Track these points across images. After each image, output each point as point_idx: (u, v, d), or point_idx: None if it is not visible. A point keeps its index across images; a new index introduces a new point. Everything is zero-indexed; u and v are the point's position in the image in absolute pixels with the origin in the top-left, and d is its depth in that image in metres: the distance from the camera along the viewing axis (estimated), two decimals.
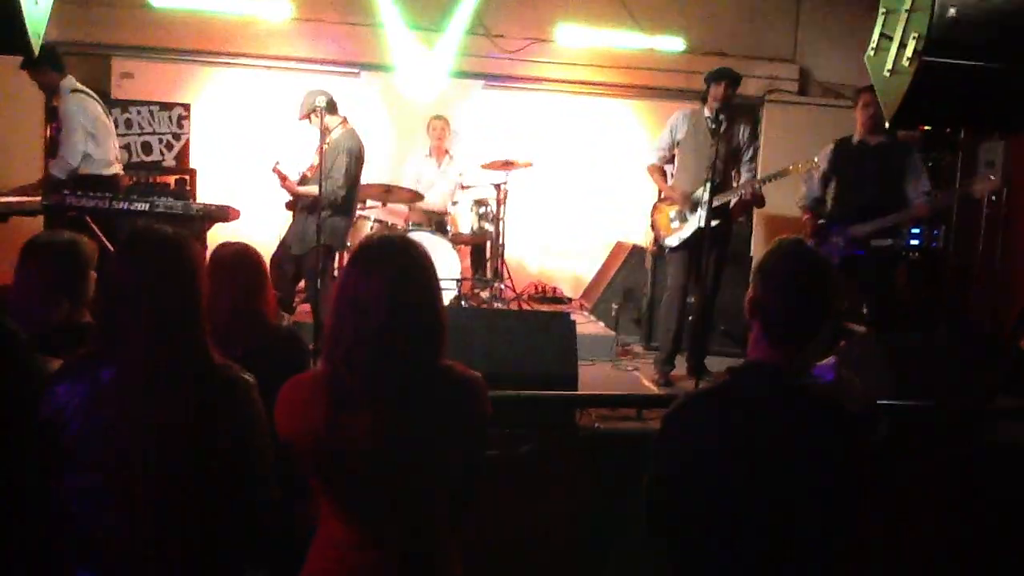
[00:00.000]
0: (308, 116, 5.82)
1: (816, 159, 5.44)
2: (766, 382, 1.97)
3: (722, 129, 5.33)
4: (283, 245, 6.13)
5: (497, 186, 6.97)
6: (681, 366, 5.75)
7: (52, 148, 5.84)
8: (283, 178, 5.92)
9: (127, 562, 1.93)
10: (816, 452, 1.92)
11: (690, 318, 5.74)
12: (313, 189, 5.62)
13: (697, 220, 5.45)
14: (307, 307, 6.38)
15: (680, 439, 2.00)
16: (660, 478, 2.02)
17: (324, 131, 5.69)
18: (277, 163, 5.92)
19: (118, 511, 1.92)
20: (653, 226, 5.86)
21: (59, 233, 2.84)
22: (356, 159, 5.86)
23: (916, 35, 3.01)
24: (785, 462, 1.90)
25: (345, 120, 5.99)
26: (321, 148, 5.68)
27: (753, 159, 5.71)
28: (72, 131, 5.54)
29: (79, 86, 5.81)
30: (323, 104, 5.63)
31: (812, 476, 1.91)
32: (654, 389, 5.55)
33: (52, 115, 7.23)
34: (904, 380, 3.46)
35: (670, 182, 5.78)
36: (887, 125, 3.39)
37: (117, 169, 5.94)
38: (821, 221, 5.45)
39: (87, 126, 5.61)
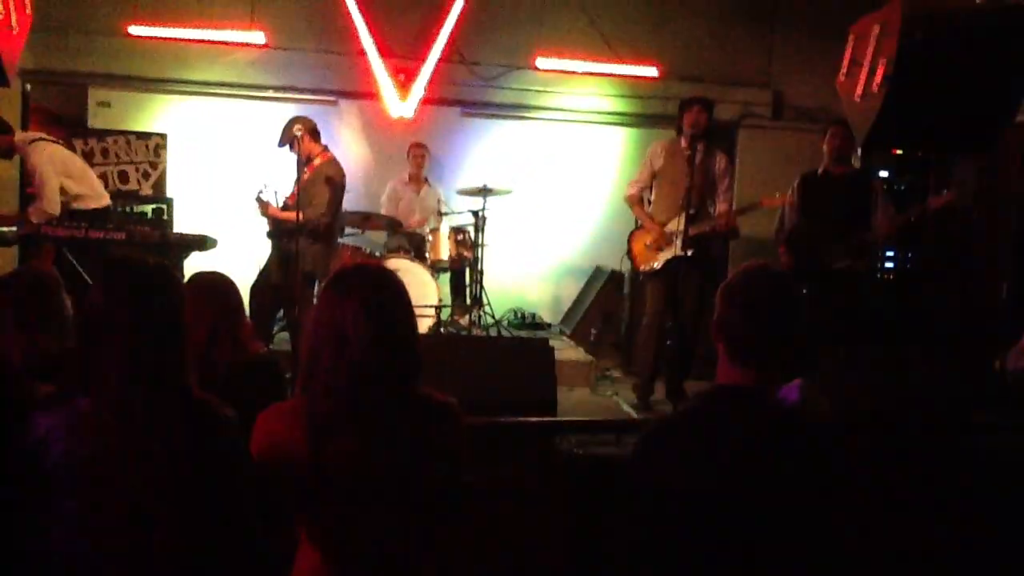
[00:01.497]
0: (289, 143, 5.81)
1: (789, 193, 5.57)
2: (731, 405, 1.96)
3: (698, 159, 5.39)
4: (263, 273, 6.09)
5: (475, 212, 6.99)
6: (660, 391, 5.76)
7: (29, 199, 5.71)
8: (265, 205, 5.88)
9: None
10: (786, 471, 1.91)
11: (668, 343, 5.77)
12: (288, 214, 5.63)
13: (674, 248, 5.50)
14: (285, 335, 6.36)
15: (651, 469, 1.98)
16: (638, 511, 2.01)
17: (305, 159, 5.69)
18: (260, 191, 5.89)
19: (96, 542, 1.89)
20: (630, 253, 5.90)
21: (32, 267, 2.83)
22: (339, 188, 5.86)
23: (885, 60, 3.07)
24: (756, 483, 1.89)
25: (326, 149, 5.98)
26: (301, 176, 5.68)
27: (730, 188, 5.76)
28: (46, 181, 5.41)
29: (35, 135, 5.73)
30: (302, 132, 5.64)
31: (784, 495, 1.91)
32: (633, 414, 5.56)
33: None
34: (877, 394, 3.48)
35: (648, 209, 5.82)
36: (858, 148, 3.44)
37: (108, 200, 5.87)
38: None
39: (60, 171, 5.53)
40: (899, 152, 7.01)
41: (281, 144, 5.85)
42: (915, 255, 7.34)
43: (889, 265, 7.33)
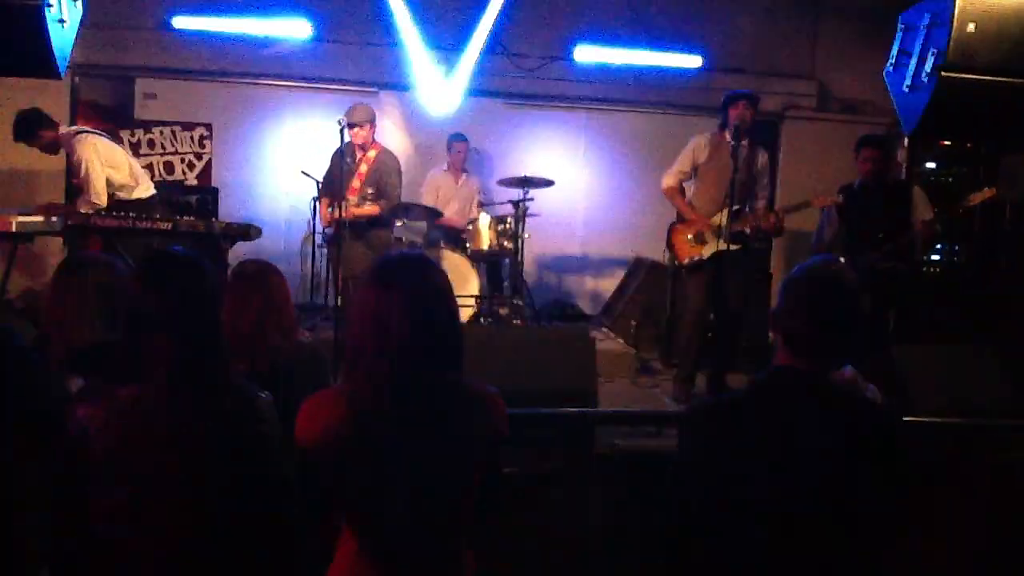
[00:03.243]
0: (354, 127, 5.81)
1: (839, 195, 5.58)
2: (787, 380, 1.99)
3: (743, 154, 5.36)
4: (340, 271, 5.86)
5: (516, 203, 6.99)
6: (702, 384, 5.73)
7: (75, 191, 5.79)
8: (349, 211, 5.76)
9: None
10: (844, 443, 1.93)
11: (710, 336, 5.74)
12: (372, 209, 5.66)
13: (716, 243, 5.46)
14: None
15: (700, 444, 2.02)
16: (680, 480, 2.03)
17: (361, 146, 5.73)
18: (348, 202, 5.74)
19: (141, 529, 1.93)
20: (671, 247, 5.85)
21: (98, 253, 2.88)
22: (400, 176, 5.93)
23: (935, 50, 3.02)
24: (809, 454, 1.91)
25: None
26: (355, 165, 5.69)
27: (768, 185, 5.74)
28: (92, 172, 5.48)
29: (79, 127, 5.80)
30: (371, 121, 5.70)
31: (840, 467, 1.92)
32: (674, 406, 5.53)
33: None
34: (929, 393, 3.44)
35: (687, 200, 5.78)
36: (906, 139, 3.40)
37: (153, 190, 5.94)
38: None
39: (106, 162, 5.59)
40: (947, 143, 6.91)
41: (357, 124, 5.82)
42: (962, 249, 7.22)
43: (935, 258, 7.22)
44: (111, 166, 5.61)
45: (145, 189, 5.79)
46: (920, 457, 2.08)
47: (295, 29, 7.55)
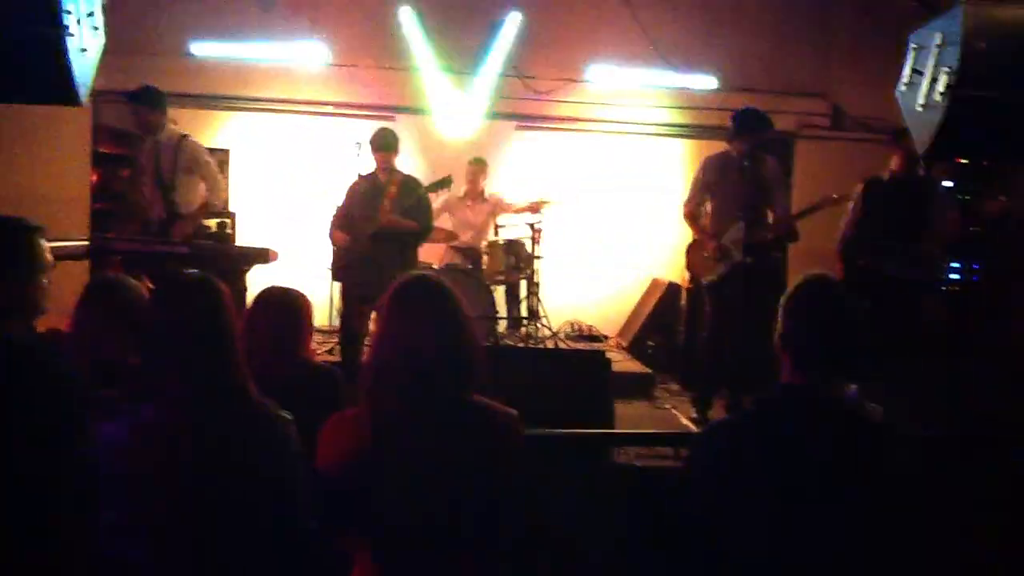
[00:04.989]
0: (388, 149, 5.80)
1: (855, 197, 5.49)
2: (796, 397, 2.02)
3: (751, 168, 5.35)
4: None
5: (531, 225, 7.02)
6: (719, 405, 5.70)
7: (163, 190, 5.79)
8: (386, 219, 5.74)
9: None
10: (851, 459, 1.95)
11: (727, 356, 5.71)
12: (412, 224, 5.67)
13: (732, 258, 5.45)
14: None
15: (709, 462, 2.04)
16: (694, 501, 2.04)
17: (388, 170, 5.74)
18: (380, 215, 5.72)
19: (156, 547, 1.95)
20: (689, 266, 5.85)
21: (123, 276, 2.94)
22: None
23: (947, 69, 3.02)
24: (818, 471, 1.93)
25: None
26: (386, 189, 5.69)
27: (785, 192, 5.70)
28: (211, 170, 5.73)
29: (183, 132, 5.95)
30: (397, 147, 5.77)
31: (843, 485, 1.93)
32: (691, 427, 5.51)
33: (97, 161, 7.43)
34: (935, 407, 3.42)
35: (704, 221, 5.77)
36: (920, 159, 3.39)
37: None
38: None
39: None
40: (963, 162, 6.88)
41: (379, 150, 5.78)
42: (980, 266, 7.17)
43: (954, 276, 7.18)
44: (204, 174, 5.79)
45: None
46: (925, 471, 2.08)
47: (312, 54, 7.64)
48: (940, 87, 3.06)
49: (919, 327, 5.48)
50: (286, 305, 3.03)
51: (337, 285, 7.02)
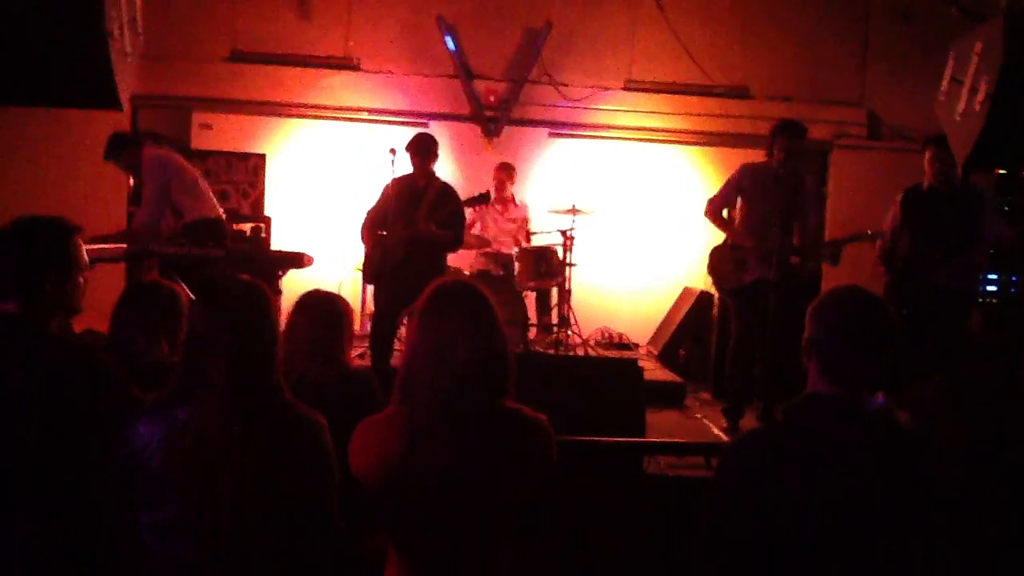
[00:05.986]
0: (427, 155, 5.75)
1: (892, 209, 5.46)
2: (823, 408, 2.00)
3: (788, 180, 5.30)
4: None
5: (563, 232, 7.01)
6: (751, 415, 5.66)
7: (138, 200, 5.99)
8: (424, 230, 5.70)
9: None
10: (879, 470, 1.93)
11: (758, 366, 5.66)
12: (445, 234, 5.66)
13: (760, 270, 5.40)
14: None
15: (739, 472, 2.02)
16: (719, 513, 2.03)
17: (425, 177, 5.74)
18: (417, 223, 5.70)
19: (192, 546, 1.97)
20: (712, 271, 5.80)
21: (161, 281, 3.01)
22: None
23: (987, 79, 2.99)
24: (846, 482, 1.91)
25: None
26: (423, 197, 5.69)
27: (816, 211, 5.64)
28: (154, 189, 5.71)
29: (158, 147, 6.02)
30: (436, 152, 5.73)
31: (875, 494, 1.92)
32: (723, 437, 5.47)
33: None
34: (974, 424, 3.36)
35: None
36: (959, 169, 3.35)
37: (219, 211, 6.08)
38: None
39: (171, 175, 5.77)
40: (1002, 172, 6.80)
41: (418, 155, 5.73)
42: (1019, 279, 7.08)
43: (991, 288, 7.08)
44: (180, 180, 5.79)
45: (210, 209, 5.94)
46: (957, 485, 2.06)
47: (345, 61, 7.71)
48: (980, 96, 3.03)
49: (961, 338, 5.40)
50: (328, 309, 3.07)
51: (369, 290, 7.07)
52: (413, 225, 5.57)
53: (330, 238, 7.32)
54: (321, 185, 8.01)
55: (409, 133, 6.52)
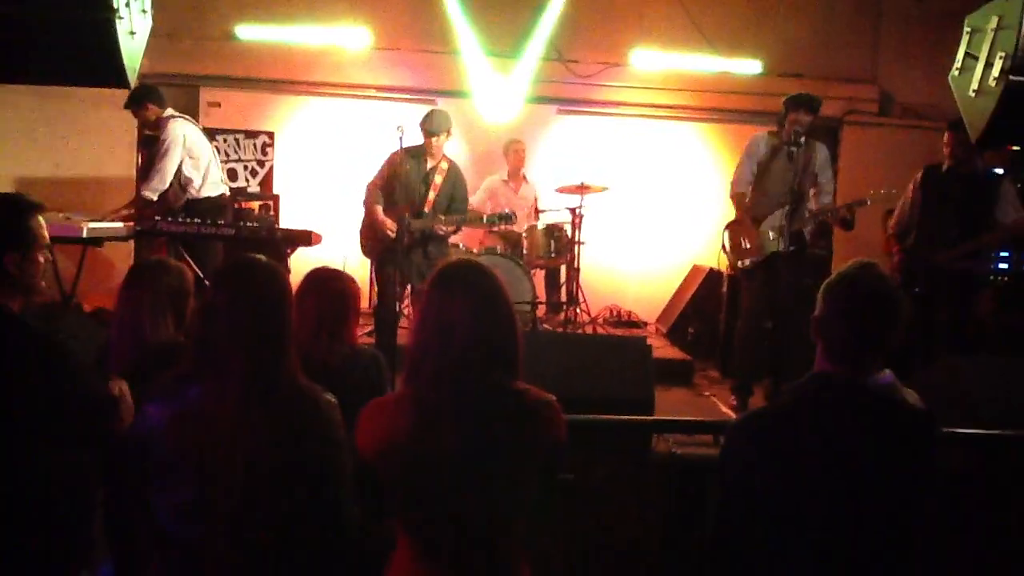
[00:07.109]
0: (444, 134, 5.76)
1: (910, 186, 5.43)
2: (826, 386, 2.01)
3: (799, 153, 5.27)
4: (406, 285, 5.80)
5: (572, 210, 7.00)
6: (760, 393, 5.65)
7: (143, 172, 5.99)
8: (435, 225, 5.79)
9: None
10: (882, 447, 1.94)
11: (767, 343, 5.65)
12: (452, 227, 5.75)
13: (772, 244, 5.38)
14: None
15: (743, 451, 2.03)
16: (728, 492, 2.03)
17: (436, 157, 5.74)
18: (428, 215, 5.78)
19: (206, 527, 1.97)
20: (725, 248, 5.78)
21: (168, 259, 2.99)
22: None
23: (1003, 54, 2.95)
24: (850, 459, 1.92)
25: None
26: (430, 177, 5.71)
27: (831, 180, 5.62)
28: (169, 157, 5.65)
29: (176, 113, 5.95)
30: (450, 132, 5.73)
31: (879, 471, 1.92)
32: (731, 415, 5.47)
33: (147, 143, 7.52)
34: (984, 405, 3.35)
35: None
36: (973, 144, 3.31)
37: (224, 189, 6.06)
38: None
39: (186, 150, 5.74)
40: (1015, 148, 6.73)
41: (433, 134, 5.72)
42: None
43: (1003, 267, 7.03)
44: (191, 157, 5.76)
45: (214, 187, 5.92)
46: (968, 469, 2.06)
47: (354, 37, 7.67)
48: (995, 72, 2.99)
49: (970, 320, 5.38)
50: (335, 287, 3.05)
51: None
52: (423, 214, 5.65)
53: (338, 216, 7.29)
54: (329, 162, 7.99)
55: (417, 110, 6.51)
